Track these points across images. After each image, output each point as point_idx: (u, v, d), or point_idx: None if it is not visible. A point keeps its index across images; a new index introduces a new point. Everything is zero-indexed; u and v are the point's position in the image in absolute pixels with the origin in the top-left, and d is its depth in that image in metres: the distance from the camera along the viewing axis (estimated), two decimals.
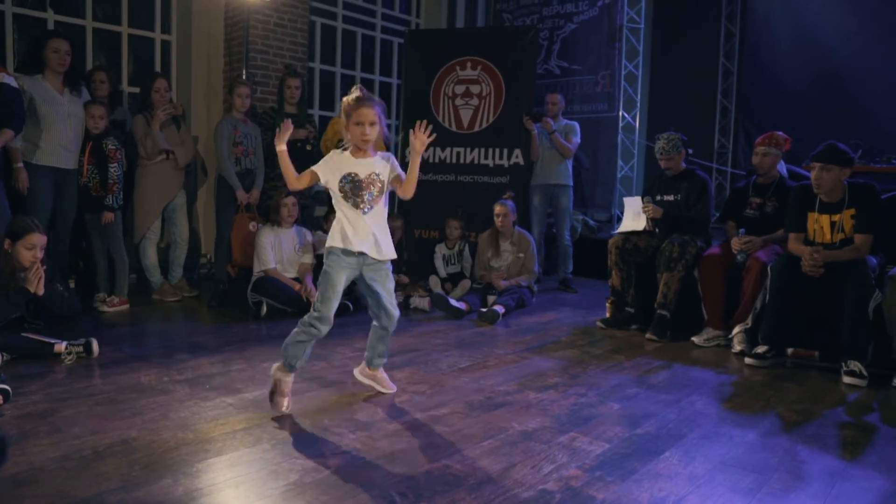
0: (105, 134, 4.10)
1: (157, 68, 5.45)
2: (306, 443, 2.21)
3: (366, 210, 2.53)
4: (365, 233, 2.53)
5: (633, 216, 4.27)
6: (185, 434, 2.25)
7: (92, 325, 3.40)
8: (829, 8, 6.89)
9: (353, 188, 2.52)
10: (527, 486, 1.93)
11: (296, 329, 2.51)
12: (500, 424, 2.44)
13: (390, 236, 2.64)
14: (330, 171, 2.56)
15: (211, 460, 2.05)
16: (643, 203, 4.20)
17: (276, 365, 2.55)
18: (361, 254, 2.53)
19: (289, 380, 2.52)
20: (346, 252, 2.52)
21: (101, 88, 4.39)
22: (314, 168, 2.58)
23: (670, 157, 4.18)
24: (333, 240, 2.54)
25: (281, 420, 2.41)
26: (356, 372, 2.86)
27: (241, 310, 4.37)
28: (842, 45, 6.66)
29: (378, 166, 2.57)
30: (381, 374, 2.82)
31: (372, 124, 2.49)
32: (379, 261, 2.58)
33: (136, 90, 5.21)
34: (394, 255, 2.62)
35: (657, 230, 4.22)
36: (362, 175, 2.53)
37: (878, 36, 6.40)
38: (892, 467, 2.18)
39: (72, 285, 4.25)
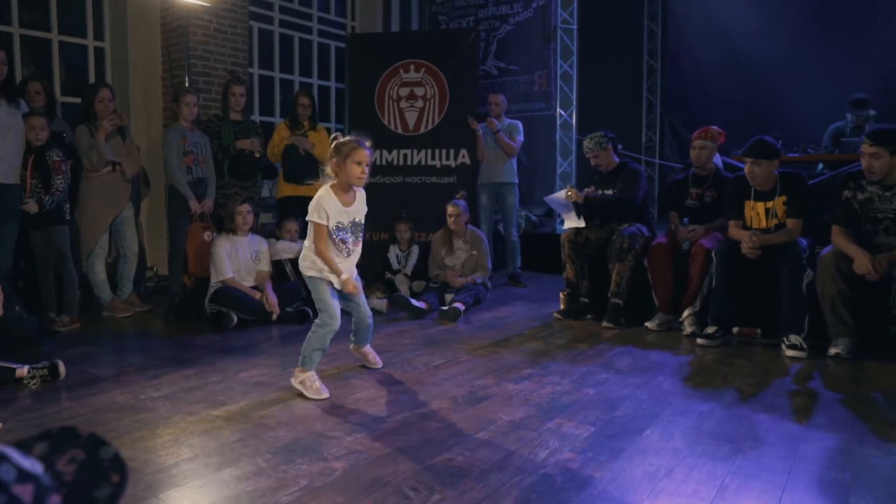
0: (48, 146, 3.94)
1: (92, 76, 5.24)
2: (306, 449, 2.24)
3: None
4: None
5: (572, 215, 4.52)
6: (181, 450, 2.24)
7: (51, 347, 3.27)
8: (741, 8, 7.39)
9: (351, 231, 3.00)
10: (529, 472, 2.05)
11: (310, 336, 2.88)
12: (488, 416, 2.55)
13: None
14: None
15: (214, 474, 2.05)
16: (567, 190, 4.46)
17: (297, 371, 2.86)
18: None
19: (314, 373, 2.84)
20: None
21: (37, 99, 4.19)
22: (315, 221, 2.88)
23: (597, 154, 4.45)
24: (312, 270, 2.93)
25: (274, 429, 2.43)
26: (350, 347, 3.30)
27: (200, 321, 4.29)
28: (755, 43, 7.17)
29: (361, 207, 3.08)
30: (365, 349, 3.25)
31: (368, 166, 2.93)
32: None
33: (72, 100, 5.01)
34: None
35: (593, 219, 4.46)
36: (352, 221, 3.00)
37: (787, 34, 6.92)
38: (841, 427, 2.43)
39: None
